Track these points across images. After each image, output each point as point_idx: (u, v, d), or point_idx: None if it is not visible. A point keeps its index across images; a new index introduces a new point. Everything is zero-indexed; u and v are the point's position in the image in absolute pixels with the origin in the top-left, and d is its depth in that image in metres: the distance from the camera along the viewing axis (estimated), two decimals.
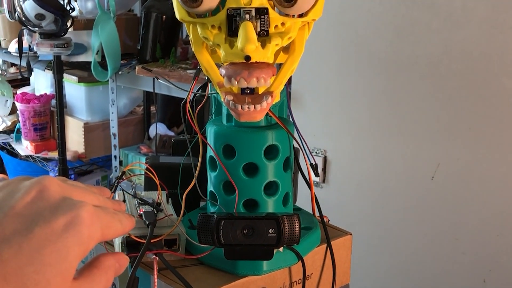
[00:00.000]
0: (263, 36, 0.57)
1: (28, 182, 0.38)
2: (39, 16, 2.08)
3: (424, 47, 1.46)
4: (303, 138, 0.71)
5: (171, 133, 2.56)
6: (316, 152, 1.70)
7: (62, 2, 2.15)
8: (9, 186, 0.38)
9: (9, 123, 2.84)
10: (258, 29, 0.56)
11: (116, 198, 0.72)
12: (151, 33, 2.22)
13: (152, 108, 2.76)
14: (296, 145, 0.74)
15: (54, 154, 2.51)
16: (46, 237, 0.34)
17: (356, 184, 1.65)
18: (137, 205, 0.69)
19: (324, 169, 1.70)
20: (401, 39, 1.49)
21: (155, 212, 0.67)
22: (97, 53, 2.23)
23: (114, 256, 0.41)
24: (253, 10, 0.56)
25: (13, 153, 2.77)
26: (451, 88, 1.43)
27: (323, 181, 1.71)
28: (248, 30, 0.54)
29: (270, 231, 0.60)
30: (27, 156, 2.61)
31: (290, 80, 1.72)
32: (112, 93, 2.34)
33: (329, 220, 0.78)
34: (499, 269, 1.43)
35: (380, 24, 1.52)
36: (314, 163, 0.73)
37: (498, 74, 1.35)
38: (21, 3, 2.09)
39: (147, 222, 0.64)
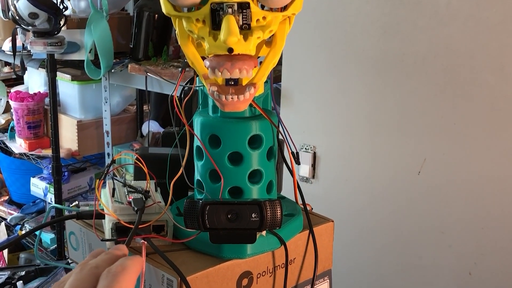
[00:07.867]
0: (245, 29, 0.60)
1: None
2: (33, 15, 2.11)
3: (410, 45, 1.49)
4: (285, 128, 0.74)
5: None
6: (306, 149, 1.73)
7: (55, 1, 2.17)
8: None
9: (3, 122, 2.85)
10: (241, 23, 0.59)
11: (107, 186, 0.74)
12: (144, 32, 2.24)
13: (146, 107, 2.78)
14: (280, 136, 0.76)
15: (48, 152, 2.53)
16: None
17: (345, 179, 1.68)
18: (126, 193, 0.72)
19: (313, 165, 1.73)
20: (387, 37, 1.52)
21: (144, 199, 0.70)
22: (90, 52, 2.25)
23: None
24: (236, 5, 0.59)
25: (7, 151, 2.79)
26: (436, 85, 1.46)
27: (313, 176, 1.74)
28: (230, 23, 0.57)
29: (253, 215, 0.63)
30: (21, 154, 2.63)
31: (280, 77, 1.75)
32: (105, 91, 2.37)
33: (312, 209, 0.81)
34: (484, 261, 1.46)
35: (367, 22, 1.55)
36: (295, 151, 0.75)
37: (482, 70, 1.39)
38: (15, 2, 2.11)
39: (136, 208, 0.67)
